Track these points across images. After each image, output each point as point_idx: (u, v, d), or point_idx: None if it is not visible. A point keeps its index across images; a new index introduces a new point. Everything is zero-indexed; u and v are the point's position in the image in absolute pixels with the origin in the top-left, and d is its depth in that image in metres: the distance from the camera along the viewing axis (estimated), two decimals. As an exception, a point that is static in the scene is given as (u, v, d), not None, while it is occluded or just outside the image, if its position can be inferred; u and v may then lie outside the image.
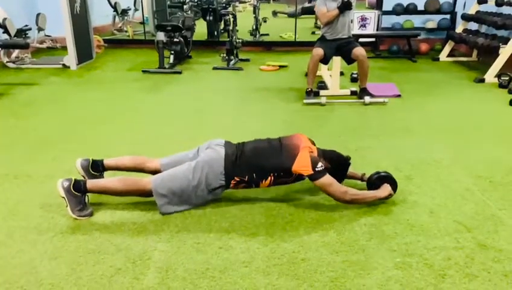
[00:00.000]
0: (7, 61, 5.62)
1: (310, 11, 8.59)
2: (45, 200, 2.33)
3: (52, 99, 4.32)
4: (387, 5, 6.74)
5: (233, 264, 1.85)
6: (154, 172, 2.36)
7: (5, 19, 5.50)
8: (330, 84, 4.56)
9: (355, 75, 4.83)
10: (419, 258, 1.88)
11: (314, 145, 2.36)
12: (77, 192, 2.15)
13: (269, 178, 2.23)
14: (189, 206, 2.25)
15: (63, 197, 2.14)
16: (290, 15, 9.81)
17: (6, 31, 5.52)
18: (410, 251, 1.93)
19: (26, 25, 5.87)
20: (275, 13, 10.06)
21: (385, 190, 2.30)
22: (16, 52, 5.76)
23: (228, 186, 2.26)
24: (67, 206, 2.15)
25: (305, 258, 1.88)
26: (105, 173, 2.51)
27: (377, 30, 6.59)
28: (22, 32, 5.73)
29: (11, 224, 2.15)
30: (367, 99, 4.13)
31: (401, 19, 6.83)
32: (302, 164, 2.17)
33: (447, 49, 6.24)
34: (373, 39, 6.73)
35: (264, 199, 2.39)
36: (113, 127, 3.56)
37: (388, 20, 6.85)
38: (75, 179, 2.17)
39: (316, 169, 2.15)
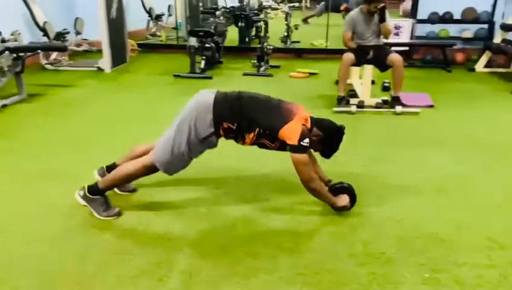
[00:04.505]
0: (45, 63, 5.83)
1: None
2: (75, 200, 2.32)
3: (86, 101, 4.44)
4: (422, 14, 6.61)
5: (258, 271, 1.84)
6: None
7: (45, 23, 5.73)
8: (360, 92, 4.49)
9: (387, 84, 4.75)
10: (449, 274, 1.82)
11: (311, 118, 2.26)
12: (94, 195, 2.23)
13: (254, 132, 2.14)
14: (189, 160, 2.19)
15: (85, 205, 2.25)
16: (318, 13, 9.80)
17: (46, 34, 5.76)
18: (439, 266, 1.87)
19: (65, 29, 6.09)
20: (305, 20, 10.01)
21: (343, 200, 2.27)
22: (54, 55, 5.97)
23: (218, 134, 2.16)
24: (92, 212, 2.23)
25: (330, 269, 1.86)
26: None
27: (411, 39, 6.46)
28: (60, 35, 5.95)
29: (42, 221, 2.22)
30: (398, 108, 4.05)
31: (436, 28, 6.68)
32: (291, 131, 2.08)
33: (483, 59, 6.04)
34: (406, 48, 6.60)
35: (288, 207, 2.38)
36: (145, 128, 3.62)
37: (422, 29, 6.72)
38: (88, 185, 2.25)
39: (301, 143, 2.06)
